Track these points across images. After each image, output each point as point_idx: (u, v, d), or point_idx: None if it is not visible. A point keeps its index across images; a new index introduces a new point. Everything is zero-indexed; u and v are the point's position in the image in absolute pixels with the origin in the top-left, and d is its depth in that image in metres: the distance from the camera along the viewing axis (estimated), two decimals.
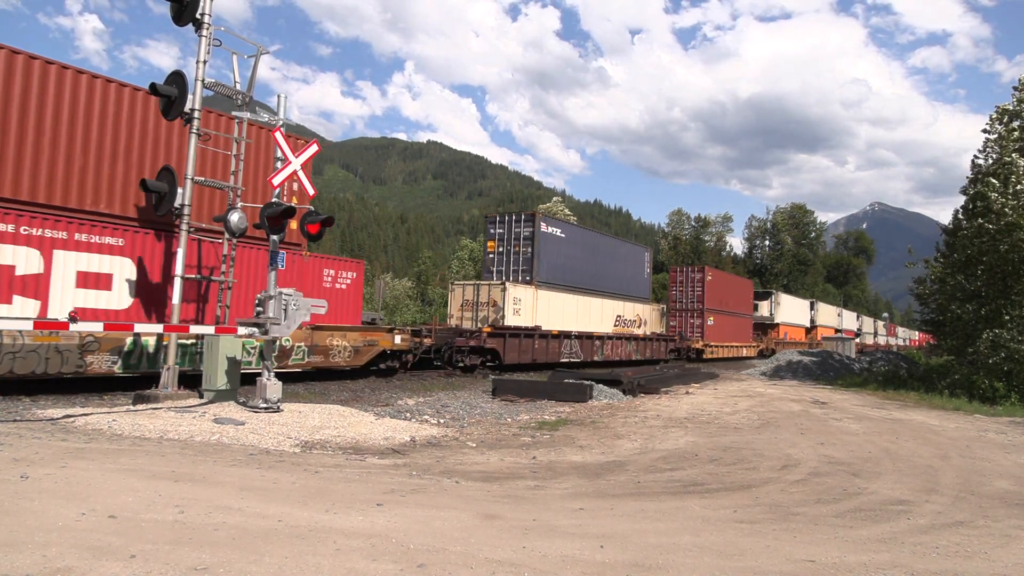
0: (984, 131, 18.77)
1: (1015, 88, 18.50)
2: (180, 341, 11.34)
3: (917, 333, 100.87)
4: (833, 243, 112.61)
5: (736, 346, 41.12)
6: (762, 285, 65.43)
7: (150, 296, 12.27)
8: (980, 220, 17.05)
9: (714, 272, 39.69)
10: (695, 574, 3.80)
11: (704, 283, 37.32)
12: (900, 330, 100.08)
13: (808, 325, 58.05)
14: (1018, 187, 16.30)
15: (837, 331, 64.54)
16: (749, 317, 44.59)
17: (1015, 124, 17.99)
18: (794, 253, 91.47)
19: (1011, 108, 18.24)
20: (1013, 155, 17.08)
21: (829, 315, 65.14)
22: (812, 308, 60.75)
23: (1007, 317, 16.08)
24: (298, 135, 15.16)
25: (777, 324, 49.88)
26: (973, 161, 19.46)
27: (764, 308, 50.34)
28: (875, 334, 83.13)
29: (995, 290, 17.08)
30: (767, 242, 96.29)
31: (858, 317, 78.32)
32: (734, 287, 42.78)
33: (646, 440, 9.04)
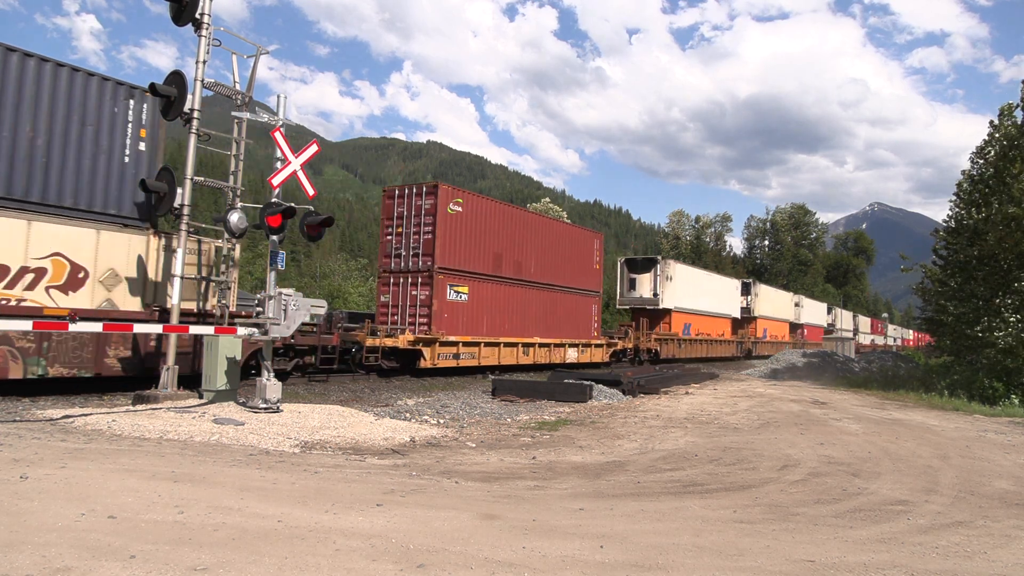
0: (991, 124, 18.71)
1: None
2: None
3: (912, 332, 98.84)
4: (832, 243, 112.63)
5: (546, 344, 22.74)
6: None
7: None
8: (991, 206, 16.73)
9: (470, 199, 19.99)
10: (695, 574, 3.80)
11: (436, 219, 18.38)
12: (891, 328, 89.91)
13: (738, 316, 41.22)
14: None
15: (795, 326, 51.34)
16: (592, 295, 26.04)
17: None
18: (794, 253, 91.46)
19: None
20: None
21: (779, 305, 48.67)
22: (746, 292, 43.02)
23: (1013, 316, 16.03)
24: (298, 135, 15.15)
25: (669, 311, 32.41)
26: (974, 159, 19.44)
27: (643, 286, 32.66)
28: (856, 331, 68.94)
29: (996, 286, 17.02)
30: (766, 242, 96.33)
31: (830, 310, 64.31)
32: (537, 234, 22.89)
33: (646, 440, 9.03)
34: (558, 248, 24.32)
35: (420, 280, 18.45)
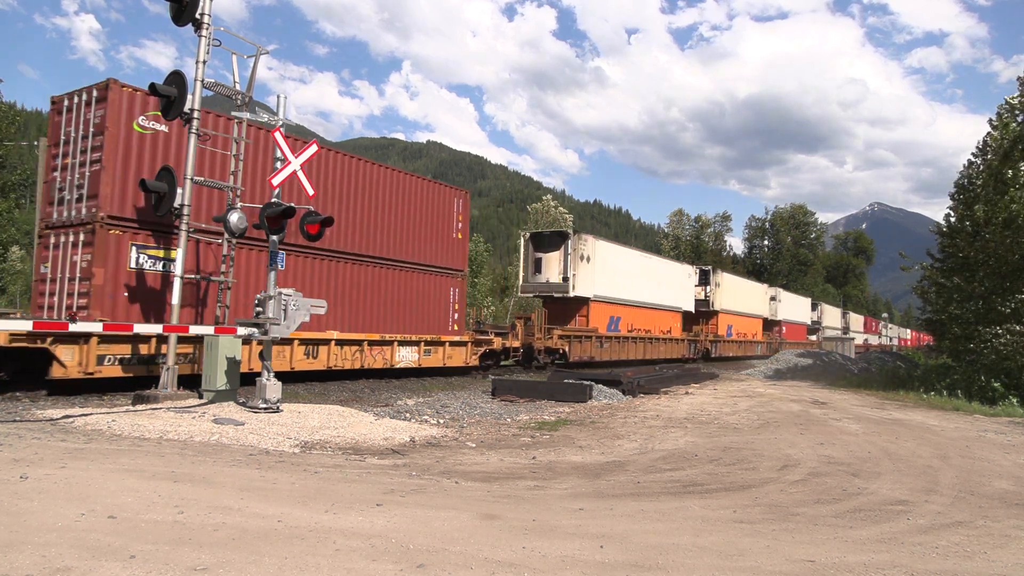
0: (990, 121, 18.69)
1: (1020, 77, 18.45)
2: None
3: (909, 332, 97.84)
4: (832, 243, 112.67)
5: (354, 341, 16.17)
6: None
7: None
8: (991, 206, 16.68)
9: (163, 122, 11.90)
10: (695, 574, 3.80)
11: (106, 141, 11.59)
12: (887, 327, 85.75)
13: (692, 309, 34.22)
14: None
15: (770, 323, 44.95)
16: (450, 274, 19.21)
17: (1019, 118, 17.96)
18: (794, 253, 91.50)
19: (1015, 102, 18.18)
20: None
21: (749, 297, 40.87)
22: (705, 282, 36.17)
23: (1012, 324, 15.98)
24: (298, 135, 15.12)
25: (586, 301, 25.15)
26: (970, 159, 19.45)
27: (551, 268, 24.89)
28: (846, 329, 63.43)
29: (994, 286, 17.01)
30: (766, 242, 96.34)
31: (815, 306, 57.70)
32: (347, 184, 16.22)
33: (646, 440, 9.04)
34: (390, 206, 17.30)
35: (82, 238, 11.75)
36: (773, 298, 46.24)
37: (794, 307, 51.34)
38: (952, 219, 19.95)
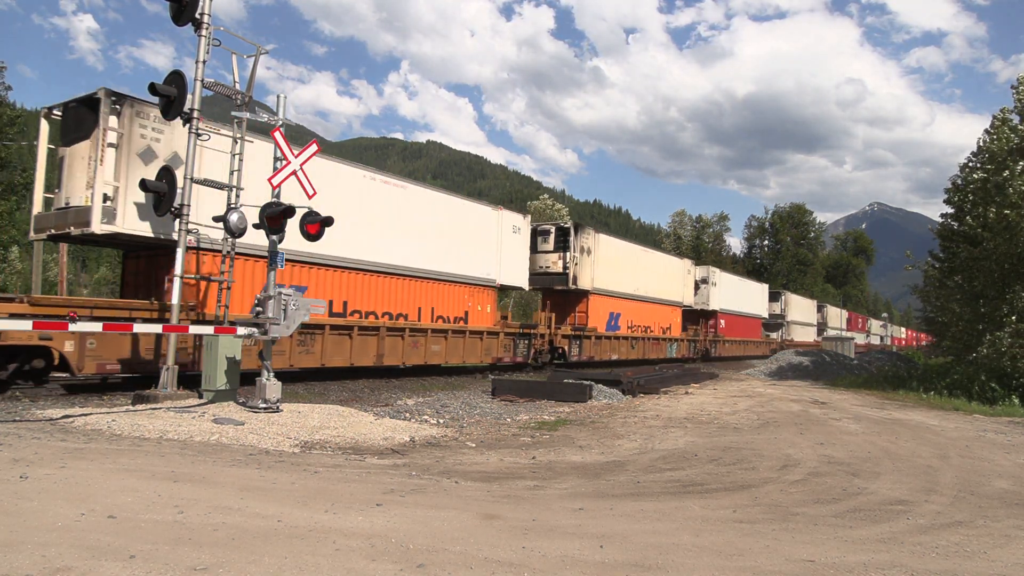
0: (987, 131, 18.73)
1: (1013, 87, 18.48)
2: None
3: (903, 331, 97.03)
4: (832, 243, 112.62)
5: None
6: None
7: None
8: (988, 209, 16.67)
9: None
10: (695, 574, 3.80)
11: None
12: (878, 325, 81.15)
13: (496, 281, 20.47)
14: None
15: (697, 314, 34.31)
16: None
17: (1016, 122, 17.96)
18: (793, 253, 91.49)
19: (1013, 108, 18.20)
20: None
21: (655, 277, 29.50)
22: (562, 246, 23.87)
23: (1012, 318, 15.98)
24: (296, 135, 15.10)
25: (164, 249, 12.13)
26: (968, 162, 19.45)
27: (74, 174, 11.04)
28: (823, 326, 55.48)
29: (995, 290, 17.02)
30: (766, 242, 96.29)
31: (777, 296, 47.56)
32: None
33: (645, 440, 9.03)
34: None
35: None
36: (704, 280, 34.31)
37: (742, 295, 39.54)
38: (950, 222, 19.97)
